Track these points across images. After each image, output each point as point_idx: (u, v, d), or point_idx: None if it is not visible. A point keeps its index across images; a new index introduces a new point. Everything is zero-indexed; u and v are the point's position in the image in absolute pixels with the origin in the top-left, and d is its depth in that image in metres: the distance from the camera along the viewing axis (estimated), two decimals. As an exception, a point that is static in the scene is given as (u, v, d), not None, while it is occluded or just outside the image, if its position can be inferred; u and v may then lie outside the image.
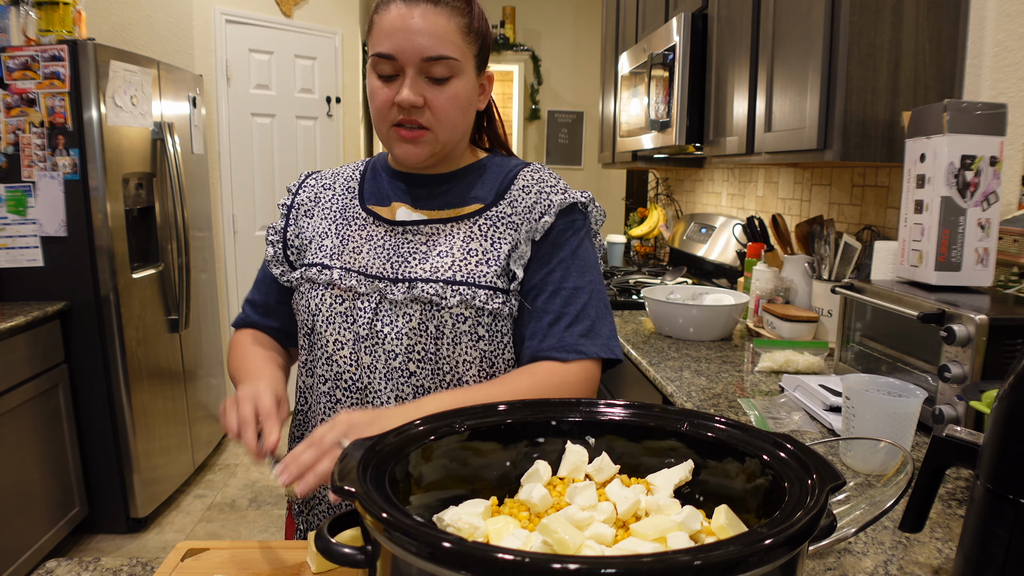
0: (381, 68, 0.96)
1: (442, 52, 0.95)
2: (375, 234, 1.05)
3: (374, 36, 0.97)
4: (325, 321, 1.02)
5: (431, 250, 1.01)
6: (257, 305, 1.15)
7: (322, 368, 1.04)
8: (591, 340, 1.00)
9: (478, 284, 0.99)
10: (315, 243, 1.08)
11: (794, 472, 0.58)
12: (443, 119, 0.98)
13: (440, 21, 0.95)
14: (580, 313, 1.00)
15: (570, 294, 1.01)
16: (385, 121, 0.99)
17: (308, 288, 1.05)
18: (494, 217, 1.03)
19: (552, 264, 1.02)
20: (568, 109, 5.81)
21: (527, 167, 1.08)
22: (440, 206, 1.05)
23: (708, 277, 3.03)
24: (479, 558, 0.44)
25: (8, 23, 2.72)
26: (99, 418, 2.85)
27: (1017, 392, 0.63)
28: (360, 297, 1.01)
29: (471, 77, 1.01)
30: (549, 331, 1.00)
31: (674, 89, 2.40)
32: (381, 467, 0.59)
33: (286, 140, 4.18)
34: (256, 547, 0.87)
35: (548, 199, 1.03)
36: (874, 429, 1.12)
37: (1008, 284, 1.50)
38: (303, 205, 1.12)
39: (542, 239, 1.02)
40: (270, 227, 1.14)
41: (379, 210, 1.07)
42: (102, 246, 2.75)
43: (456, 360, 1.00)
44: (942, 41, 1.59)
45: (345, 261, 1.03)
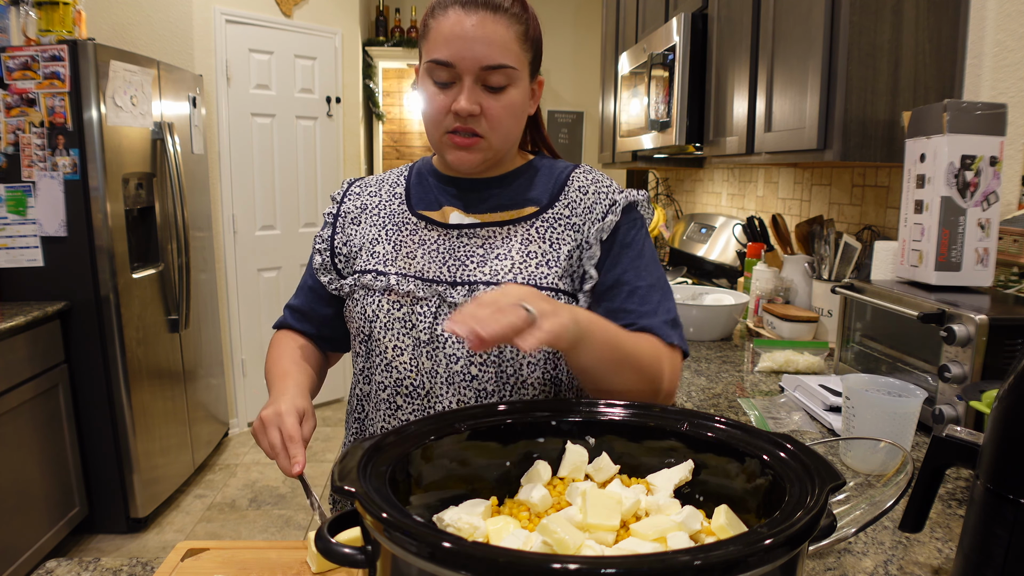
0: (437, 75, 0.96)
1: (500, 61, 0.95)
2: (428, 238, 1.04)
3: (431, 41, 0.96)
4: (383, 327, 1.02)
5: (488, 253, 1.01)
6: (296, 310, 1.16)
7: (381, 375, 1.03)
8: (675, 330, 0.99)
9: (540, 286, 0.98)
10: (366, 250, 1.07)
11: (794, 472, 0.58)
12: (498, 127, 0.98)
13: (499, 30, 0.94)
14: (658, 308, 1.00)
15: (646, 292, 1.01)
16: (439, 127, 0.99)
17: (363, 295, 1.04)
18: (551, 219, 1.03)
19: (624, 263, 1.02)
20: (568, 109, 5.81)
21: (578, 168, 1.09)
22: (492, 209, 1.05)
23: (708, 277, 3.03)
24: (479, 558, 0.44)
25: (8, 23, 2.72)
26: (99, 418, 2.84)
27: (1017, 392, 0.63)
28: (419, 302, 1.00)
29: (526, 84, 1.01)
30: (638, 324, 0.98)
31: (674, 89, 2.40)
32: (381, 467, 0.59)
33: (286, 140, 4.18)
34: (256, 547, 0.87)
35: (609, 198, 1.04)
36: (874, 429, 1.12)
37: (1008, 284, 1.50)
38: (350, 213, 1.12)
39: (609, 238, 1.02)
40: (317, 236, 1.14)
41: (430, 214, 1.06)
42: (102, 246, 2.75)
43: (520, 363, 0.99)
44: (942, 41, 1.59)
45: (400, 267, 1.03)
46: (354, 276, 1.06)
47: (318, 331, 1.15)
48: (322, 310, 1.14)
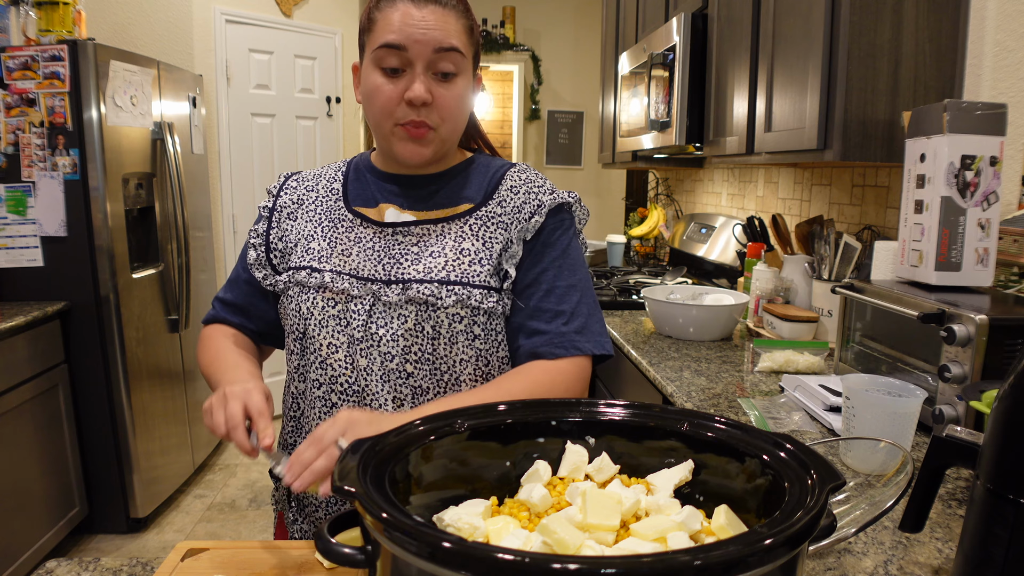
0: (388, 60, 0.96)
1: (453, 43, 0.96)
2: (364, 236, 1.04)
3: (378, 30, 0.96)
4: (318, 325, 1.01)
5: (423, 251, 1.02)
6: (229, 304, 1.14)
7: (316, 372, 1.03)
8: (585, 337, 1.02)
9: (472, 284, 0.99)
10: (301, 246, 1.07)
11: (794, 472, 0.58)
12: (448, 118, 0.99)
13: (449, 18, 0.96)
14: (574, 311, 1.03)
15: (563, 292, 1.03)
16: (390, 119, 0.98)
17: (298, 292, 1.03)
18: (484, 217, 1.04)
19: (544, 263, 1.03)
20: (568, 109, 5.80)
21: (513, 167, 1.09)
22: (430, 207, 1.06)
23: (708, 277, 3.03)
24: (479, 558, 0.44)
25: (8, 23, 2.72)
26: (99, 418, 2.84)
27: (1017, 392, 0.63)
28: (353, 299, 1.01)
29: (470, 76, 1.02)
30: (544, 329, 1.01)
31: (674, 89, 2.40)
32: (381, 467, 0.59)
33: (286, 140, 4.18)
34: (256, 547, 0.87)
35: (537, 199, 1.05)
36: (874, 429, 1.12)
37: (1008, 284, 1.50)
38: (285, 207, 1.11)
39: (533, 238, 1.04)
40: (251, 230, 1.12)
41: (366, 211, 1.07)
42: (102, 246, 2.75)
43: (453, 359, 1.01)
44: (942, 41, 1.59)
45: (335, 264, 1.03)
46: (288, 272, 1.06)
47: (255, 326, 1.14)
48: (259, 305, 1.12)
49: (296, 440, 1.09)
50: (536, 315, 1.02)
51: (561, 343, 1.00)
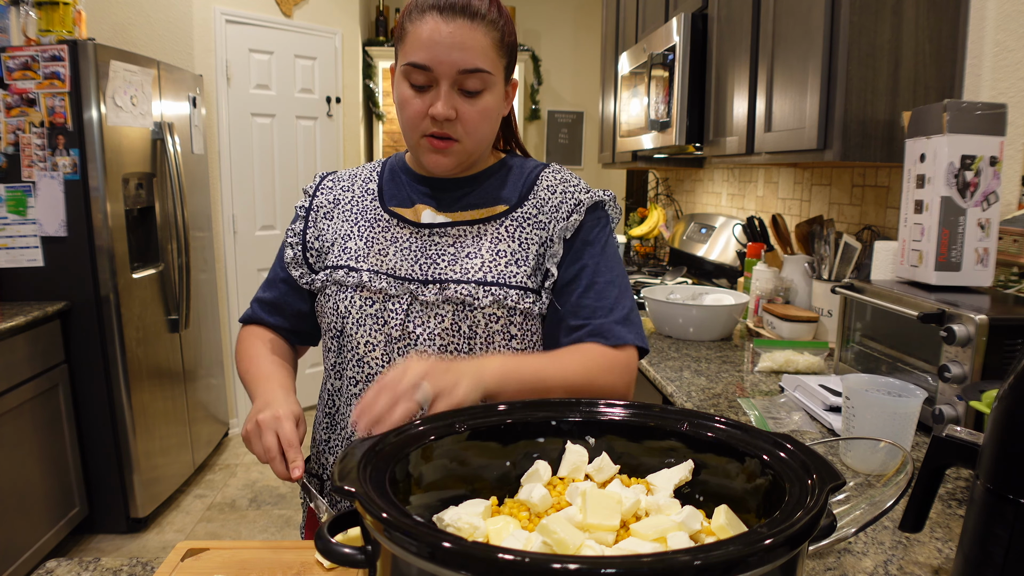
0: (414, 78, 0.97)
1: (477, 65, 0.96)
2: (400, 236, 1.06)
3: (408, 44, 0.97)
4: (355, 323, 1.03)
5: (459, 252, 1.03)
6: (266, 303, 1.15)
7: (352, 370, 1.04)
8: (628, 328, 1.02)
9: (509, 284, 1.00)
10: (338, 245, 1.08)
11: (794, 472, 0.58)
12: (473, 132, 1.00)
13: (477, 36, 0.96)
14: (615, 304, 1.03)
15: (603, 287, 1.03)
16: (416, 131, 1.00)
17: (336, 290, 1.05)
18: (520, 218, 1.05)
19: (584, 260, 1.04)
20: (568, 109, 5.81)
21: (547, 168, 1.10)
22: (464, 208, 1.06)
23: (708, 277, 3.03)
24: (479, 558, 0.44)
25: (8, 23, 2.72)
26: (99, 418, 2.84)
27: (1017, 392, 0.63)
28: (391, 299, 1.02)
29: (501, 89, 1.02)
30: (587, 323, 1.01)
31: (674, 89, 2.40)
32: (381, 467, 0.59)
33: (286, 140, 4.18)
34: (256, 547, 0.87)
35: (575, 198, 1.06)
36: (874, 429, 1.12)
37: (1008, 284, 1.50)
38: (322, 207, 1.12)
39: (573, 237, 1.05)
40: (288, 229, 1.14)
41: (402, 212, 1.08)
42: (102, 246, 2.75)
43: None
44: (942, 41, 1.59)
45: (372, 263, 1.04)
46: (326, 271, 1.07)
47: (291, 325, 1.15)
48: (296, 304, 1.14)
49: (330, 436, 1.10)
50: (578, 311, 1.02)
51: (607, 334, 1.00)
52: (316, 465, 1.13)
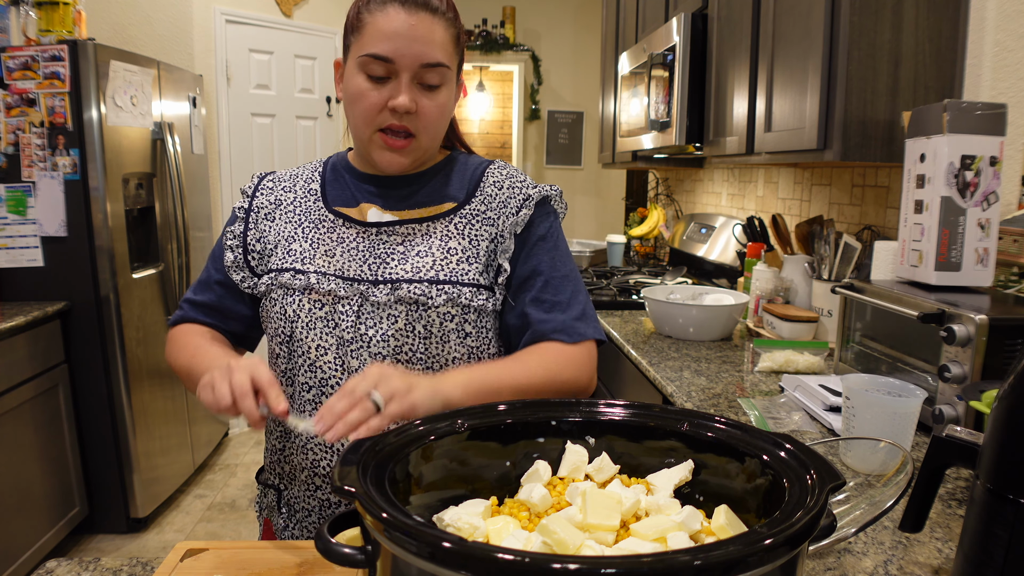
0: (373, 69, 0.95)
1: (439, 59, 0.96)
2: (346, 236, 1.04)
3: (367, 35, 0.95)
4: (305, 327, 1.00)
5: (409, 250, 1.01)
6: (201, 306, 1.10)
7: (304, 375, 1.01)
8: (586, 323, 1.04)
9: (462, 282, 1.00)
10: (281, 247, 1.05)
11: (794, 472, 0.58)
12: (429, 127, 1.00)
13: (437, 30, 0.96)
14: (571, 299, 1.04)
15: (560, 282, 1.04)
16: (371, 124, 0.98)
17: (282, 294, 1.02)
18: (469, 215, 1.04)
19: (538, 255, 1.04)
20: (568, 109, 5.80)
21: (492, 164, 1.10)
22: (411, 206, 1.05)
23: (708, 277, 3.03)
24: (479, 558, 0.44)
25: (8, 23, 2.72)
26: (99, 418, 2.84)
27: (1017, 392, 0.63)
28: (340, 300, 1.00)
29: (454, 85, 1.03)
30: (547, 317, 1.02)
31: (674, 89, 2.40)
32: (381, 467, 0.59)
33: (286, 140, 4.18)
34: (256, 547, 0.87)
35: (523, 192, 1.05)
36: (874, 429, 1.12)
37: (1008, 284, 1.50)
38: (262, 208, 1.09)
39: (524, 232, 1.05)
40: (227, 230, 1.09)
41: (347, 211, 1.06)
42: (102, 246, 2.75)
43: (445, 358, 1.01)
44: (942, 41, 1.59)
45: (319, 265, 1.01)
46: (270, 275, 1.04)
47: (228, 328, 1.11)
48: (235, 307, 1.10)
49: (285, 445, 1.07)
50: (536, 306, 1.03)
51: (567, 331, 1.01)
52: (271, 475, 1.10)
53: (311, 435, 0.86)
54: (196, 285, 1.13)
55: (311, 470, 1.03)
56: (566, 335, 1.01)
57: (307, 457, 1.03)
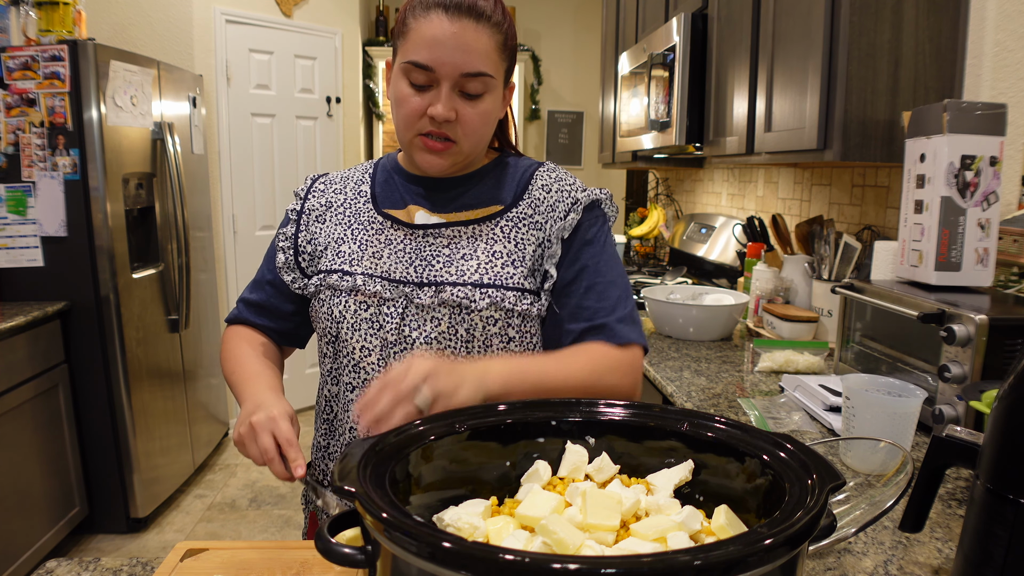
0: (414, 76, 0.95)
1: (480, 69, 0.95)
2: (394, 238, 1.04)
3: (410, 41, 0.95)
4: (350, 328, 1.01)
5: (455, 253, 1.01)
6: (253, 305, 1.13)
7: (349, 375, 1.03)
8: (632, 328, 1.01)
9: (506, 286, 0.99)
10: (331, 249, 1.06)
11: (794, 472, 0.58)
12: (471, 134, 0.99)
13: (481, 38, 0.94)
14: (617, 304, 1.02)
15: (605, 288, 1.02)
16: (412, 129, 0.98)
17: (330, 295, 1.03)
18: (516, 218, 1.03)
19: (584, 260, 1.03)
20: (568, 109, 5.80)
21: (541, 167, 1.09)
22: (458, 208, 1.05)
23: (708, 277, 3.03)
24: (479, 558, 0.44)
25: (8, 23, 2.72)
26: (99, 418, 2.84)
27: (1017, 392, 0.63)
28: (386, 302, 1.00)
29: (500, 92, 1.01)
30: (593, 321, 1.00)
31: (674, 89, 2.40)
32: (381, 467, 0.59)
33: (286, 140, 4.18)
34: (256, 547, 0.87)
35: (571, 196, 1.04)
36: (874, 429, 1.12)
37: (1008, 284, 1.50)
38: (314, 210, 1.10)
39: (571, 236, 1.03)
40: (279, 232, 1.12)
41: (395, 213, 1.06)
42: (102, 246, 2.75)
43: None
44: (942, 41, 1.59)
45: (366, 266, 1.02)
46: (319, 276, 1.05)
47: (278, 326, 1.13)
48: (284, 307, 1.12)
49: (329, 443, 1.08)
50: (580, 313, 1.01)
51: (611, 334, 0.99)
52: (317, 471, 1.12)
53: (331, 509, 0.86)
54: (251, 284, 1.16)
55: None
56: (611, 338, 0.99)
57: None
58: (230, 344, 1.11)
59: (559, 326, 1.02)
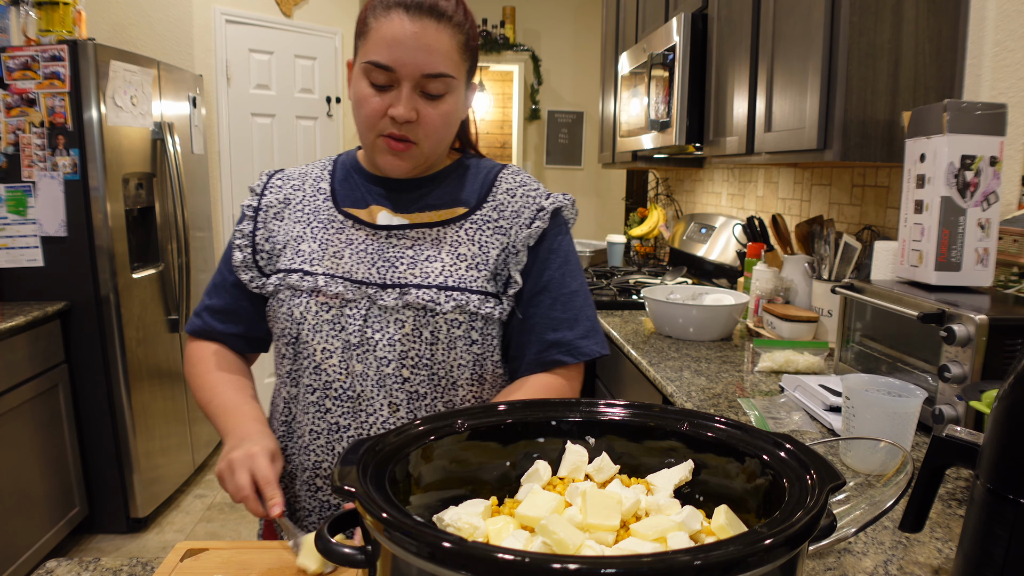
0: (375, 76, 0.95)
1: (442, 70, 0.95)
2: (355, 238, 1.02)
3: (370, 42, 0.95)
4: (311, 330, 0.99)
5: (419, 255, 1.00)
6: (218, 311, 1.09)
7: (309, 378, 1.01)
8: (590, 340, 1.04)
9: (471, 289, 0.99)
10: (290, 248, 1.04)
11: (794, 472, 0.58)
12: (432, 135, 0.99)
13: (443, 39, 0.94)
14: (579, 315, 1.04)
15: (568, 299, 1.04)
16: (373, 130, 0.97)
17: (289, 295, 1.01)
18: (480, 221, 1.03)
19: (551, 270, 1.04)
20: (568, 109, 5.80)
21: (505, 169, 1.09)
22: (421, 209, 1.04)
23: (708, 277, 3.03)
24: (479, 558, 0.44)
25: (8, 23, 2.72)
26: (99, 418, 2.84)
27: (1017, 392, 0.63)
28: (348, 304, 0.99)
29: (462, 92, 1.01)
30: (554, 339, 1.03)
31: (674, 89, 2.40)
32: (381, 467, 0.59)
33: (286, 140, 4.18)
34: (256, 547, 0.87)
35: (536, 203, 1.05)
36: (874, 429, 1.12)
37: (1008, 284, 1.50)
38: (271, 207, 1.07)
39: (536, 244, 1.04)
40: (235, 230, 1.08)
41: (357, 213, 1.04)
42: (102, 246, 2.75)
43: (451, 364, 1.00)
44: (942, 41, 1.59)
45: (327, 266, 1.00)
46: (278, 275, 1.03)
47: (246, 331, 1.10)
48: (249, 308, 1.09)
49: (287, 445, 1.05)
50: (544, 324, 1.03)
51: (571, 351, 1.02)
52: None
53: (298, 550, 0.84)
54: (210, 288, 1.11)
55: (313, 471, 1.03)
56: (570, 355, 1.02)
57: (308, 458, 1.03)
58: (199, 368, 1.08)
59: (526, 334, 1.04)
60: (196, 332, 1.11)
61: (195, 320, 1.11)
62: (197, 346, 1.11)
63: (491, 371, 1.04)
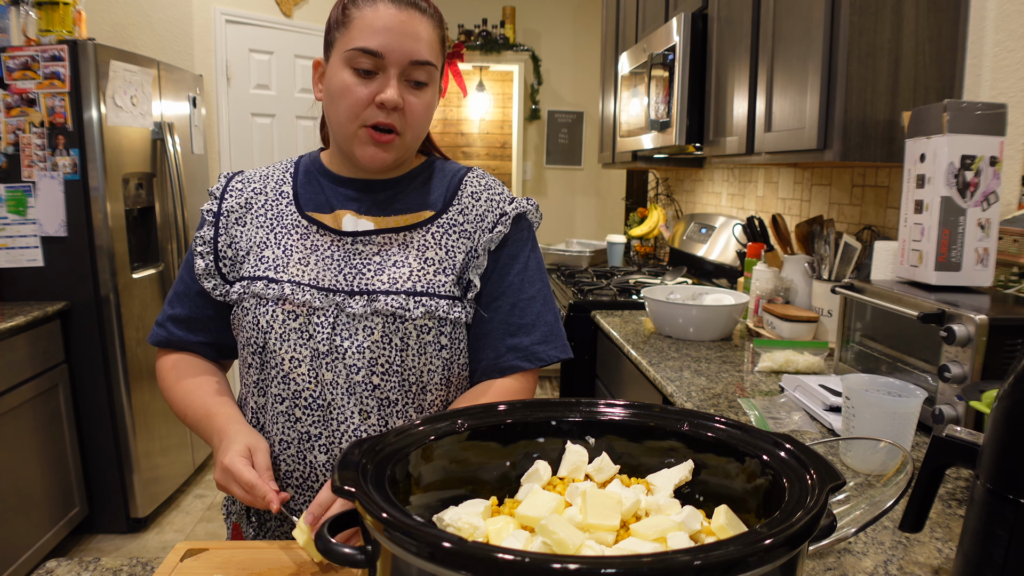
0: (361, 62, 0.94)
1: (427, 57, 0.96)
2: (320, 244, 1.01)
3: (355, 30, 0.94)
4: (279, 339, 0.97)
5: (386, 260, 0.99)
6: (182, 321, 1.07)
7: (277, 387, 0.99)
8: (549, 345, 1.05)
9: (439, 294, 0.99)
10: (253, 254, 1.02)
11: (794, 472, 0.58)
12: (414, 125, 0.99)
13: (427, 28, 0.96)
14: (537, 321, 1.05)
15: (526, 304, 1.04)
16: (356, 120, 0.96)
17: (255, 304, 0.99)
18: (446, 225, 1.03)
19: (511, 276, 1.04)
20: (568, 109, 5.80)
21: (470, 172, 1.09)
22: (389, 212, 1.03)
23: (708, 277, 3.03)
24: (479, 558, 0.44)
25: (8, 23, 2.72)
26: (99, 418, 2.84)
27: (1017, 392, 0.63)
28: (315, 312, 0.97)
29: (438, 86, 1.03)
30: (511, 344, 1.03)
31: (674, 89, 2.40)
32: (381, 467, 0.59)
33: (286, 140, 4.18)
34: (256, 547, 0.87)
35: (499, 208, 1.05)
36: (874, 429, 1.12)
37: (1008, 284, 1.50)
38: (233, 212, 1.04)
39: (497, 249, 1.04)
40: (197, 236, 1.04)
41: (321, 218, 1.02)
42: (102, 246, 2.75)
43: (421, 369, 1.00)
44: (942, 41, 1.59)
45: (292, 274, 0.98)
46: (242, 283, 1.00)
47: (214, 339, 1.08)
48: (215, 316, 1.06)
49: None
50: (502, 330, 1.03)
51: (527, 356, 1.03)
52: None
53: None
54: (172, 297, 1.08)
55: (283, 481, 1.01)
56: (527, 361, 1.03)
57: (279, 468, 1.01)
58: (166, 383, 1.07)
59: (484, 338, 1.04)
60: (160, 343, 1.09)
61: (158, 331, 1.09)
62: (162, 360, 1.10)
63: (458, 374, 1.05)
